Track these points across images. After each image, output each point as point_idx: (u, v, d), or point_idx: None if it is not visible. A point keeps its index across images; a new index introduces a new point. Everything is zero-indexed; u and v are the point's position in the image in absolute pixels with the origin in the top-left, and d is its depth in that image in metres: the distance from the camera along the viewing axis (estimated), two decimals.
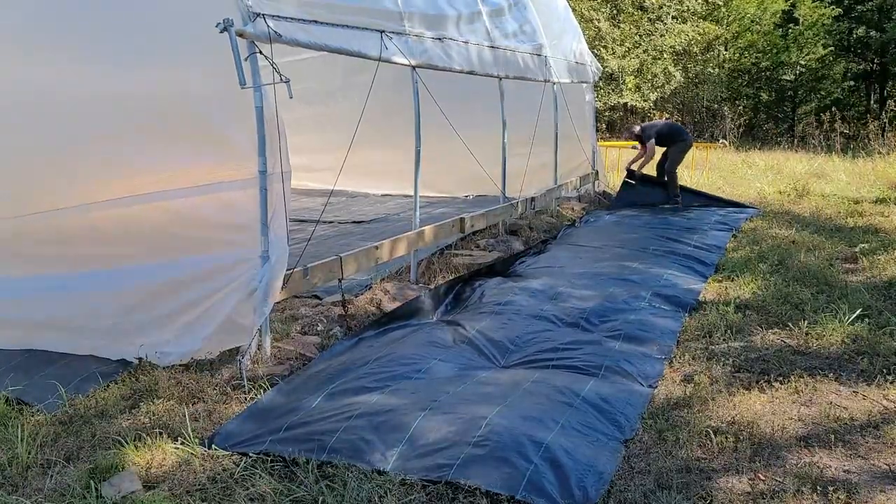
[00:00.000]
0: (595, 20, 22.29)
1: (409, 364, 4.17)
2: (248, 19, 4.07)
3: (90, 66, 4.59)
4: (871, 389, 4.01)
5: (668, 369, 4.34)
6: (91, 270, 4.55)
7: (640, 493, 2.99)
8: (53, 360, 4.23)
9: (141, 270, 4.53)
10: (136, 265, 4.56)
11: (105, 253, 4.63)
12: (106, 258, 4.59)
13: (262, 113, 4.12)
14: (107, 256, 4.61)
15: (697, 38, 22.18)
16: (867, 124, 18.48)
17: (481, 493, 2.90)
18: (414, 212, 6.13)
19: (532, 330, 4.84)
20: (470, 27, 7.08)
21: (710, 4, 22.68)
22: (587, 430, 3.41)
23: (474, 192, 10.21)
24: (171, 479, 3.09)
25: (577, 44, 10.52)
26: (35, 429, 3.48)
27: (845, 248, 7.46)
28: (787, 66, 23.24)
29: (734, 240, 8.02)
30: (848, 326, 4.94)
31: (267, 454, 3.24)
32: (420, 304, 5.40)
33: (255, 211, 4.21)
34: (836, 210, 9.92)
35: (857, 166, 14.27)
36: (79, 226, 4.63)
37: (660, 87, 22.03)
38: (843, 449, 3.37)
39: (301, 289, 4.75)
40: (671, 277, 6.19)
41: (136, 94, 4.48)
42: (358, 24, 5.20)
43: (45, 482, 3.08)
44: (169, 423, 3.54)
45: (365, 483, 2.99)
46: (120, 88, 4.50)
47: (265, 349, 4.30)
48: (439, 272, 6.40)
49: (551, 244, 7.76)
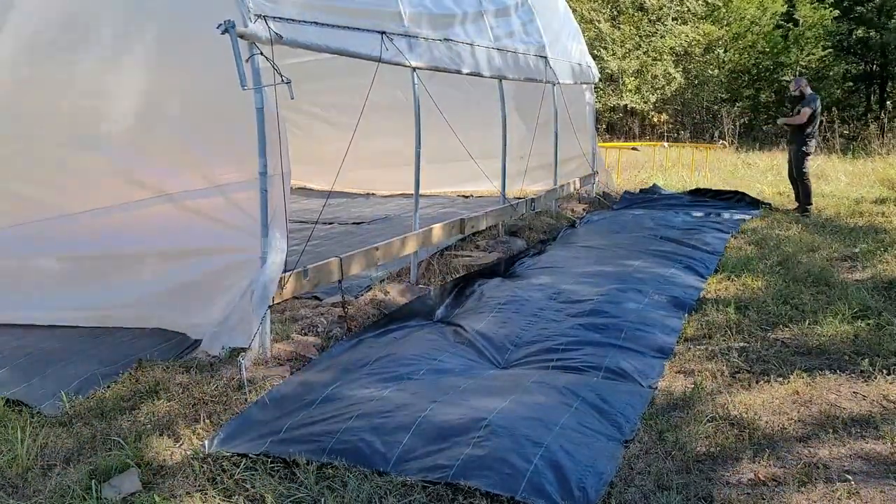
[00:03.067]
0: (595, 21, 22.29)
1: (409, 365, 4.17)
2: (249, 20, 4.07)
3: (91, 66, 4.60)
4: (871, 389, 4.01)
5: (668, 369, 4.34)
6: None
7: (640, 493, 2.99)
8: (54, 361, 4.23)
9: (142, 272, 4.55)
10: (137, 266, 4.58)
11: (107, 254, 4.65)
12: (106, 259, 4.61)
13: (263, 114, 4.12)
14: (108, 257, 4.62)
15: (697, 40, 22.19)
16: (867, 125, 18.48)
17: (481, 494, 2.90)
18: (414, 213, 6.13)
19: (532, 330, 4.85)
20: (473, 27, 7.07)
21: (709, 5, 22.69)
22: (587, 431, 3.41)
23: (474, 193, 10.21)
24: (171, 480, 3.09)
25: (578, 45, 10.53)
26: (35, 430, 3.48)
27: (845, 248, 7.47)
28: (786, 67, 23.23)
29: (734, 240, 8.02)
30: (848, 326, 4.94)
31: (267, 455, 3.24)
32: (420, 305, 5.40)
33: (256, 212, 4.22)
34: (836, 210, 9.93)
35: (856, 167, 14.28)
36: (75, 230, 4.65)
37: (660, 89, 22.04)
38: (843, 449, 3.37)
39: (301, 290, 4.75)
40: (671, 277, 6.19)
41: (136, 94, 4.50)
42: (359, 26, 5.20)
43: (45, 484, 3.08)
44: (169, 425, 3.54)
45: (365, 484, 2.99)
46: (120, 89, 4.51)
47: (265, 350, 4.30)
48: (439, 273, 6.40)
49: (551, 245, 7.76)
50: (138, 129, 4.54)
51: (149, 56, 4.49)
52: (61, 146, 4.71)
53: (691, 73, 22.51)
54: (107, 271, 4.68)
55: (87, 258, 4.75)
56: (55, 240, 4.76)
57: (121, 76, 4.52)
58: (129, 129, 4.55)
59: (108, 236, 4.67)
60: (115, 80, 4.55)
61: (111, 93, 4.57)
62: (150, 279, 4.62)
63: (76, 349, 4.38)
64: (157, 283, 4.60)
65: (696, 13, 22.51)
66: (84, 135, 4.63)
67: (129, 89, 4.50)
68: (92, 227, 4.64)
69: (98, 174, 4.66)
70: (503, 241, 7.76)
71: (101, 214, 4.61)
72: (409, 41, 5.82)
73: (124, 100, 4.52)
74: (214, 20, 3.91)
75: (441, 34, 6.39)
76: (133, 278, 4.63)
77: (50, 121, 4.70)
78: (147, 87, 4.50)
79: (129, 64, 4.50)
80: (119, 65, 4.53)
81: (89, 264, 4.73)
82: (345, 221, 8.61)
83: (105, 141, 4.61)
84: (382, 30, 5.45)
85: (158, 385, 3.93)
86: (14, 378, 4.02)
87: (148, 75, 4.50)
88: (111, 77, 4.56)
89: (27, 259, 4.83)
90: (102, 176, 4.65)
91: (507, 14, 8.14)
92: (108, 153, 4.60)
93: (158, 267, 4.62)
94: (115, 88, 4.54)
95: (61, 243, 4.76)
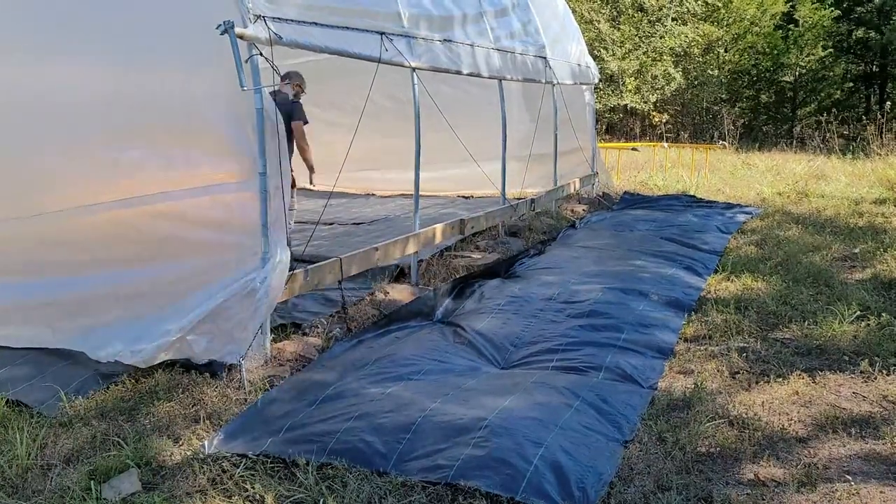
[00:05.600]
0: (595, 22, 22.29)
1: (409, 365, 4.18)
2: (248, 21, 4.07)
3: (91, 67, 4.59)
4: (871, 389, 4.01)
5: (668, 370, 4.34)
6: (94, 272, 4.55)
7: (639, 493, 2.99)
8: (53, 362, 4.23)
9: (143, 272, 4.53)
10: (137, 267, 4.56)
11: (106, 256, 4.64)
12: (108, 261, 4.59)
13: (263, 114, 4.12)
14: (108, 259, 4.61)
15: (697, 40, 22.19)
16: (867, 126, 18.48)
17: (481, 495, 2.90)
18: (414, 213, 6.13)
19: (532, 331, 4.84)
20: (473, 28, 7.07)
21: (709, 6, 22.69)
22: (587, 431, 3.40)
23: (474, 194, 10.21)
24: (171, 480, 3.09)
25: (577, 45, 10.53)
26: (35, 430, 3.48)
27: (845, 248, 7.47)
28: (786, 68, 23.24)
29: (735, 240, 8.02)
30: (848, 326, 4.94)
31: (267, 455, 3.24)
32: (420, 306, 5.40)
33: (256, 212, 4.22)
34: (836, 211, 9.93)
35: (856, 167, 14.28)
36: (79, 228, 4.64)
37: (659, 89, 22.03)
38: (843, 449, 3.37)
39: (301, 290, 4.75)
40: (671, 278, 6.19)
41: (135, 95, 4.49)
42: (358, 26, 5.20)
43: (45, 484, 3.08)
44: (169, 425, 3.54)
45: (365, 484, 2.99)
46: (120, 90, 4.50)
47: (265, 350, 4.30)
48: (439, 273, 6.40)
49: (551, 245, 7.75)
50: (136, 129, 4.53)
51: (149, 56, 4.49)
52: (59, 146, 4.70)
53: (691, 74, 22.51)
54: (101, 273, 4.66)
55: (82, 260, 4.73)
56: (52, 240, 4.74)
57: (119, 76, 4.52)
58: (127, 129, 4.54)
59: (104, 237, 4.65)
60: (113, 80, 4.54)
61: (109, 92, 4.56)
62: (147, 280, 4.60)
63: (76, 350, 4.37)
64: (155, 283, 4.59)
65: (695, 13, 22.51)
66: (81, 134, 4.62)
67: (127, 89, 4.49)
68: (88, 227, 4.62)
69: (96, 174, 4.65)
70: (503, 241, 7.76)
71: (96, 212, 4.60)
72: (409, 42, 5.83)
73: (122, 99, 4.52)
74: (214, 20, 3.91)
75: (440, 35, 6.39)
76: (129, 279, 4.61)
77: (46, 120, 4.69)
78: (146, 86, 4.49)
79: (128, 63, 4.49)
80: (119, 64, 4.52)
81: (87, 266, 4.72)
82: (345, 222, 8.61)
83: (101, 140, 4.60)
84: (382, 30, 5.45)
85: (158, 385, 3.93)
86: (14, 378, 4.02)
87: (147, 75, 4.50)
88: (110, 76, 4.56)
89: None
90: (100, 176, 4.64)
91: (507, 15, 8.15)
92: (105, 153, 4.60)
93: (156, 268, 4.61)
94: (112, 88, 4.53)
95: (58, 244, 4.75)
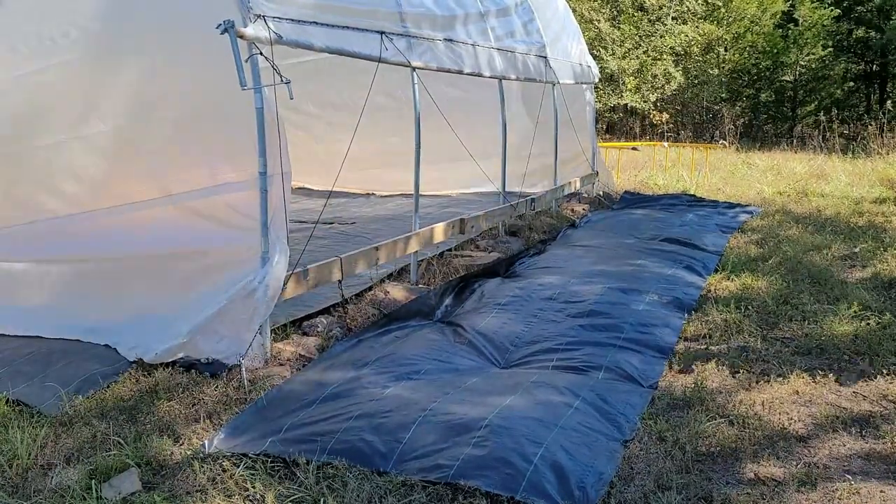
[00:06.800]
0: (595, 21, 22.29)
1: (409, 365, 4.18)
2: (248, 21, 4.07)
3: (91, 67, 4.60)
4: (871, 389, 4.01)
5: (668, 369, 4.34)
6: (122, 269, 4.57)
7: (639, 493, 2.99)
8: (54, 361, 4.22)
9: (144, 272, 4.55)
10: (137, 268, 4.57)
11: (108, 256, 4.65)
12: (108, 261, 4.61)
13: (263, 114, 4.12)
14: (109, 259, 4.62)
15: (697, 39, 22.18)
16: (867, 125, 18.48)
17: (481, 494, 2.90)
18: (414, 213, 6.13)
19: (532, 330, 4.84)
20: (474, 27, 7.06)
21: (709, 5, 22.68)
22: (587, 431, 3.40)
23: (474, 193, 10.20)
24: (171, 480, 3.09)
25: (578, 45, 10.52)
26: (35, 430, 3.48)
27: (845, 247, 7.47)
28: (786, 67, 23.24)
29: (735, 240, 8.02)
30: (848, 326, 4.94)
31: (267, 455, 3.24)
32: (420, 305, 5.40)
33: (256, 212, 4.22)
34: (837, 210, 9.93)
35: (856, 167, 14.28)
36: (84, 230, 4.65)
37: (660, 88, 22.03)
38: (843, 449, 3.37)
39: (301, 290, 4.75)
40: (671, 278, 6.19)
41: (134, 94, 4.50)
42: (359, 26, 5.20)
43: (45, 483, 3.08)
44: (169, 425, 3.54)
45: (365, 484, 2.99)
46: (119, 89, 4.51)
47: (265, 350, 4.31)
48: (439, 273, 6.40)
49: (551, 245, 7.75)
50: (137, 130, 4.54)
51: (148, 56, 4.49)
52: (59, 147, 4.70)
53: (691, 73, 22.51)
54: (106, 274, 4.66)
55: (86, 261, 4.74)
56: (53, 242, 4.75)
57: (120, 76, 4.52)
58: (128, 130, 4.54)
59: (108, 238, 4.66)
60: (113, 80, 4.54)
61: (109, 93, 4.57)
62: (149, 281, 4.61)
63: (76, 349, 4.37)
64: (157, 284, 4.60)
65: (696, 13, 22.51)
66: (83, 136, 4.63)
67: (127, 89, 4.50)
68: (91, 229, 4.63)
69: (96, 175, 4.66)
70: (503, 240, 7.76)
71: (101, 216, 4.61)
72: (409, 41, 5.82)
73: (123, 100, 4.52)
74: (214, 20, 3.91)
75: (441, 34, 6.39)
76: (132, 280, 4.62)
77: (47, 121, 4.70)
78: (146, 87, 4.49)
79: (128, 64, 4.50)
80: (118, 64, 4.53)
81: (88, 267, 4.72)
82: (345, 221, 8.60)
83: (104, 142, 4.61)
84: (382, 30, 5.45)
85: (158, 385, 3.93)
86: (14, 378, 4.02)
87: (147, 75, 4.50)
88: (110, 77, 4.56)
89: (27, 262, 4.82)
90: (101, 177, 4.65)
91: (508, 14, 8.14)
92: (106, 154, 4.60)
93: (158, 268, 4.61)
94: (113, 88, 4.54)
95: (58, 246, 4.75)
